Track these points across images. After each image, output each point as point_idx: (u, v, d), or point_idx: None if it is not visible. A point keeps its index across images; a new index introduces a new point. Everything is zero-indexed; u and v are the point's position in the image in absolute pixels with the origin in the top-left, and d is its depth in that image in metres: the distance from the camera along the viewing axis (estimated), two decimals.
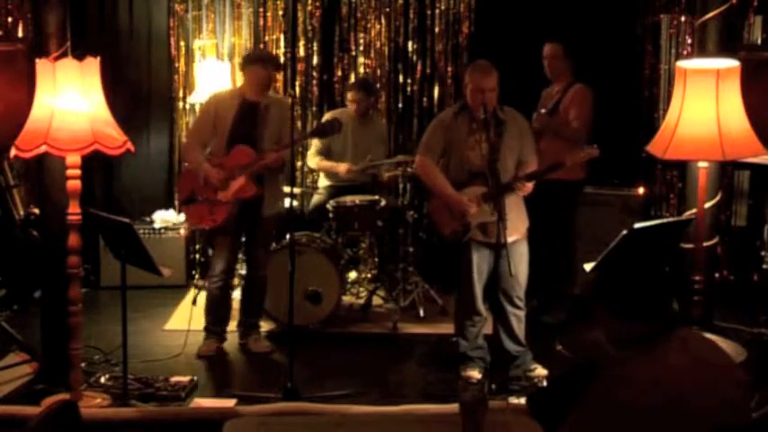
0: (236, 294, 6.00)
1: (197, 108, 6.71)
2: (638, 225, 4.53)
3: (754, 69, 5.52)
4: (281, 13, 7.20)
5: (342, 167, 6.47)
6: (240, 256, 5.92)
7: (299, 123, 7.16)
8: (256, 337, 5.61)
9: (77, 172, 4.38)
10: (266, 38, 7.22)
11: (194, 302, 6.15)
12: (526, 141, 5.01)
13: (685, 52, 6.73)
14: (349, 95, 6.61)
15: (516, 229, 4.89)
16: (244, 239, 5.67)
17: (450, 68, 7.23)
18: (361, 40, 7.24)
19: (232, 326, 5.71)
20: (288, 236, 5.28)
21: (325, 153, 6.58)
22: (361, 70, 7.25)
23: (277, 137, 5.39)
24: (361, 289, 6.60)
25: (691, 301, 4.68)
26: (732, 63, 4.61)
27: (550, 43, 6.05)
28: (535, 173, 4.91)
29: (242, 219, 5.43)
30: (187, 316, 5.78)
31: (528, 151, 4.99)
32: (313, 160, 6.63)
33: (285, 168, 5.53)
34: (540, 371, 5.00)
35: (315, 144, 6.59)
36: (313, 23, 7.21)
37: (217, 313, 5.57)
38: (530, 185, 4.88)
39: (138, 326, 5.86)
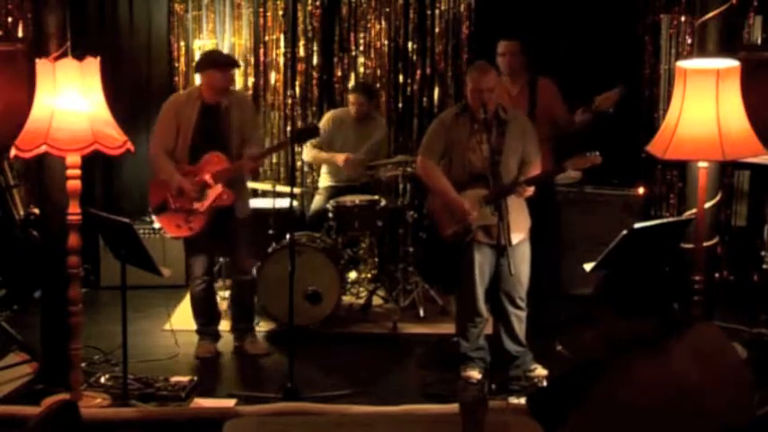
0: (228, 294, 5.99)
1: None
2: (638, 225, 4.52)
3: (754, 69, 5.51)
4: (281, 13, 7.20)
5: (340, 157, 6.46)
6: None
7: (298, 124, 7.17)
8: (252, 339, 5.59)
9: (77, 172, 4.38)
10: (266, 38, 7.22)
11: None
12: (529, 141, 4.99)
13: (685, 52, 6.73)
14: (351, 98, 6.59)
15: (519, 229, 4.90)
16: (222, 242, 5.62)
17: (449, 67, 7.23)
18: (361, 40, 7.24)
19: (229, 326, 5.71)
20: (288, 236, 5.28)
21: (323, 148, 6.57)
22: (362, 70, 7.25)
23: (241, 136, 5.34)
24: (361, 289, 6.60)
25: (691, 301, 4.68)
26: (732, 63, 4.60)
27: (508, 40, 5.83)
28: (536, 177, 4.90)
29: (215, 221, 5.38)
30: (187, 316, 5.78)
31: (531, 151, 4.97)
32: (309, 153, 6.62)
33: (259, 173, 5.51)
34: (540, 371, 5.00)
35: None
36: (313, 23, 7.21)
37: (206, 314, 5.57)
38: (530, 189, 4.87)
39: (138, 326, 5.85)
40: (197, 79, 6.93)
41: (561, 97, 5.88)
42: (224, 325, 5.73)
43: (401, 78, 7.26)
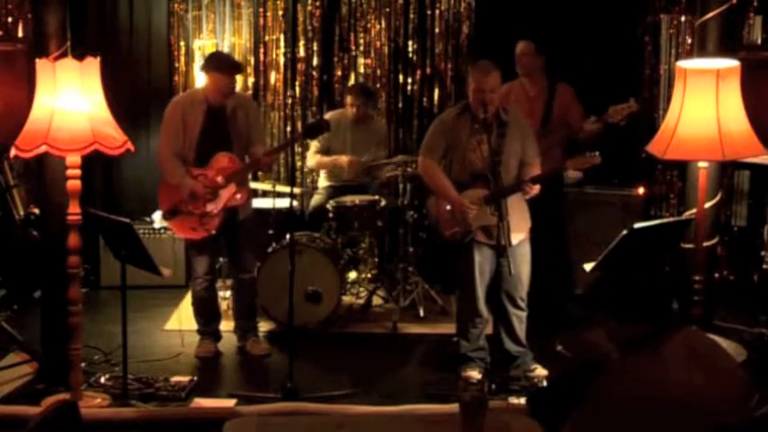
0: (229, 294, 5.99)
1: None
2: (638, 225, 4.52)
3: (754, 69, 5.52)
4: (281, 13, 7.20)
5: (344, 159, 6.45)
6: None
7: (298, 124, 7.17)
8: (254, 340, 5.59)
9: (77, 172, 4.38)
10: (266, 38, 7.22)
11: None
12: (529, 142, 4.99)
13: (685, 52, 6.73)
14: (348, 99, 6.58)
15: (519, 229, 4.90)
16: (224, 242, 5.61)
17: (449, 67, 7.23)
18: (361, 40, 7.24)
19: (230, 326, 5.71)
20: (288, 236, 5.28)
21: (325, 153, 6.57)
22: (362, 70, 7.25)
23: (246, 138, 5.34)
24: (361, 289, 6.60)
25: (691, 301, 4.68)
26: (732, 63, 4.61)
27: (523, 41, 6.04)
28: (540, 176, 4.91)
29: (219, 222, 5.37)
30: (187, 316, 5.78)
31: (531, 152, 4.98)
32: (313, 159, 6.62)
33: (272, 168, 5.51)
34: (540, 371, 5.00)
35: (314, 144, 6.58)
36: (313, 23, 7.20)
37: (206, 314, 5.56)
38: (537, 187, 4.87)
39: (138, 326, 5.85)
40: (197, 79, 7.00)
41: (578, 104, 5.98)
42: (225, 325, 5.72)
43: (401, 78, 7.26)
